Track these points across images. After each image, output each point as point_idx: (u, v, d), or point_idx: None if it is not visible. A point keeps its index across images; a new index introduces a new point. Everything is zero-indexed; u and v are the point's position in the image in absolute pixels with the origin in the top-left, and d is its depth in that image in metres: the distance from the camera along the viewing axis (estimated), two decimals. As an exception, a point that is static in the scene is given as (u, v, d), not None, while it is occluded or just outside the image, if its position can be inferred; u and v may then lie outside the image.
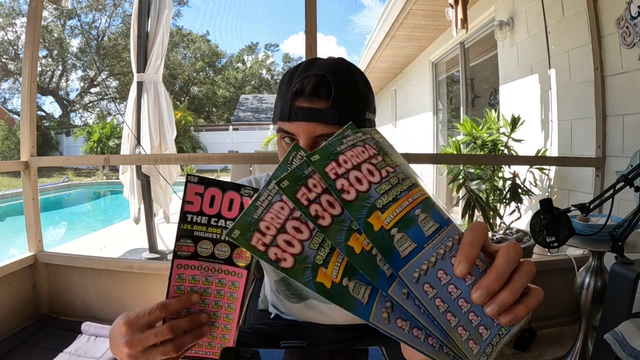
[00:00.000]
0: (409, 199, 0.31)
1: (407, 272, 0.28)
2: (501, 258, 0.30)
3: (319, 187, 0.29)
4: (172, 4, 2.61)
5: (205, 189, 0.41)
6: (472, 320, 0.29)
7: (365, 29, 40.12)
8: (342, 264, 0.29)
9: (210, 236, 0.42)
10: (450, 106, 5.37)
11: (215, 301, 0.44)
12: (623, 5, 1.77)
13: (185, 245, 0.42)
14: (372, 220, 0.28)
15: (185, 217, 0.41)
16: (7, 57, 16.98)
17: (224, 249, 0.42)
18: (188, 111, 16.04)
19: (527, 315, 0.31)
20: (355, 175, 0.30)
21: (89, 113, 19.84)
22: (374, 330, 0.88)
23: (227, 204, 0.41)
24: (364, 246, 0.29)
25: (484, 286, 0.29)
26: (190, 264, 0.42)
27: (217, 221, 0.42)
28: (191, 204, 0.41)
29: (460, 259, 0.29)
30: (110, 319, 1.86)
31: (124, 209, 5.26)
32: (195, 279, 0.43)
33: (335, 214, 0.29)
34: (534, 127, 2.68)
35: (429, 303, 0.28)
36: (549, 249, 1.34)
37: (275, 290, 0.81)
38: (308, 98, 0.55)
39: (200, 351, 0.45)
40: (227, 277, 0.43)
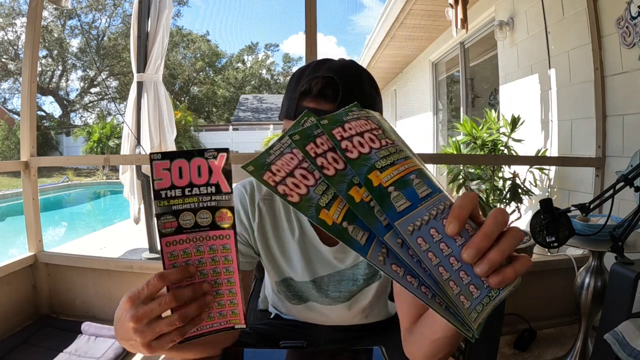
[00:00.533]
0: (405, 166, 0.34)
1: (402, 225, 0.31)
2: (489, 220, 0.32)
3: (326, 146, 0.33)
4: (172, 4, 2.61)
5: (171, 163, 0.41)
6: (462, 277, 0.31)
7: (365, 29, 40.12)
8: (343, 209, 0.32)
9: (189, 206, 0.42)
10: (450, 106, 5.37)
11: (212, 269, 0.44)
12: (623, 5, 1.77)
13: (168, 221, 0.41)
14: (372, 177, 0.31)
15: (159, 195, 0.41)
16: (7, 57, 16.98)
17: (206, 215, 0.42)
18: (188, 111, 16.03)
19: (516, 280, 0.33)
20: (359, 140, 0.33)
21: (89, 113, 19.85)
22: (374, 330, 0.88)
23: (196, 171, 0.41)
24: (363, 197, 0.31)
25: (473, 245, 0.31)
26: (178, 238, 0.42)
27: (190, 190, 0.41)
28: (161, 180, 0.41)
29: (451, 219, 0.31)
30: (110, 319, 1.86)
31: (124, 209, 5.26)
32: (187, 252, 0.43)
33: (339, 168, 0.32)
34: (534, 127, 2.68)
35: (422, 255, 0.31)
36: (549, 249, 1.34)
37: (276, 290, 0.81)
38: (315, 99, 0.55)
39: (215, 323, 0.45)
40: (217, 242, 0.43)
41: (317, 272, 0.75)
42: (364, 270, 0.74)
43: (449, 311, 0.32)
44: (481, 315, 0.32)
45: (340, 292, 0.75)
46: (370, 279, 0.75)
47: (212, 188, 0.42)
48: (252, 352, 0.59)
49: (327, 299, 0.77)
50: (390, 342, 0.78)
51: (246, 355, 0.54)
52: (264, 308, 0.95)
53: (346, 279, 0.75)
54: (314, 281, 0.75)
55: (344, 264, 0.74)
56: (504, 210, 0.33)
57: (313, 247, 0.73)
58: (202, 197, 0.42)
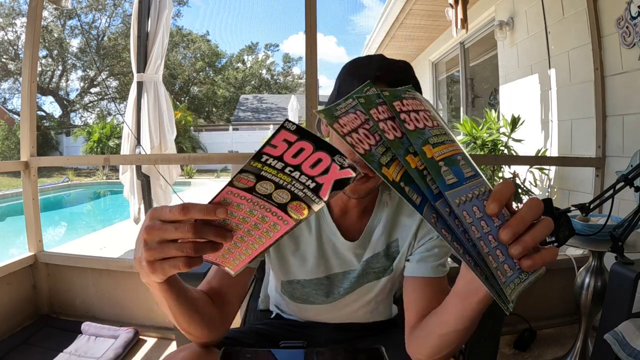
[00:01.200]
0: (452, 147, 0.37)
1: (451, 196, 0.34)
2: (525, 207, 0.36)
3: (386, 114, 0.35)
4: (172, 4, 2.61)
5: (297, 140, 0.35)
6: (498, 255, 0.35)
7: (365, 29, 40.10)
8: (400, 171, 0.34)
9: (277, 180, 0.37)
10: (450, 106, 5.37)
11: (248, 230, 0.41)
12: (623, 5, 1.77)
13: (246, 178, 0.37)
14: (426, 149, 0.34)
15: (260, 157, 0.36)
16: (7, 57, 16.98)
17: (284, 195, 0.38)
18: (188, 111, 16.04)
19: (542, 267, 0.36)
20: (415, 116, 0.36)
21: (89, 113, 19.85)
22: (374, 330, 0.88)
23: (313, 161, 0.36)
24: (417, 165, 0.34)
25: (510, 226, 0.35)
26: (242, 194, 0.38)
27: (292, 171, 0.36)
28: (274, 148, 0.35)
29: (491, 200, 0.35)
30: (110, 319, 1.87)
31: (124, 209, 5.25)
32: (239, 207, 0.39)
33: (397, 135, 0.35)
34: (534, 127, 2.68)
35: (467, 226, 0.34)
36: (549, 249, 1.34)
37: (280, 290, 0.80)
38: (389, 85, 0.58)
39: (212, 256, 0.43)
40: (273, 218, 0.40)
41: (331, 269, 0.75)
42: (377, 264, 0.74)
43: (488, 282, 0.34)
44: (514, 292, 0.35)
45: (349, 287, 0.75)
46: (381, 272, 0.75)
47: (313, 184, 0.37)
48: (252, 352, 0.59)
49: (332, 297, 0.77)
50: (391, 342, 0.78)
51: (246, 355, 0.54)
52: (264, 308, 0.94)
53: (358, 275, 0.75)
54: (327, 277, 0.75)
55: (360, 261, 0.74)
56: (539, 200, 0.36)
57: (330, 242, 0.73)
58: (296, 183, 0.37)
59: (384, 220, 0.72)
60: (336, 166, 0.36)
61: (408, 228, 0.71)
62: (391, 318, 0.88)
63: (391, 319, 0.88)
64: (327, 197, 0.37)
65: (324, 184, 0.37)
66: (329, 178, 0.36)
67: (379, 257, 0.73)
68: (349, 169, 0.36)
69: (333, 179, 0.36)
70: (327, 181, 0.37)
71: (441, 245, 0.70)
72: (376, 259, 0.73)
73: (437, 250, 0.69)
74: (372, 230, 0.73)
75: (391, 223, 0.72)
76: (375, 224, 0.73)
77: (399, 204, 0.73)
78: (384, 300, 0.83)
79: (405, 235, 0.72)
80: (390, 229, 0.72)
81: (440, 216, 0.34)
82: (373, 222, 0.73)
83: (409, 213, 0.72)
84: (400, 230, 0.72)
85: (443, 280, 0.69)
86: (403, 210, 0.72)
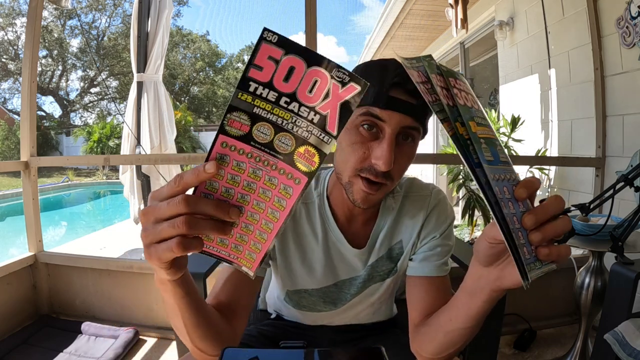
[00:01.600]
0: (491, 132, 0.39)
1: (489, 170, 0.35)
2: (550, 200, 0.38)
3: (442, 84, 0.36)
4: (172, 4, 2.61)
5: (285, 55, 0.30)
6: (520, 237, 0.36)
7: (365, 29, 40.04)
8: (450, 132, 0.36)
9: (275, 120, 0.32)
10: (450, 106, 5.36)
11: (257, 201, 0.35)
12: (623, 5, 1.77)
13: (239, 121, 0.32)
14: (471, 124, 0.36)
15: (247, 85, 0.31)
16: (7, 57, 16.97)
17: (288, 141, 0.32)
18: (188, 111, 16.02)
19: (556, 260, 0.38)
20: (464, 95, 0.38)
21: (89, 113, 19.83)
22: (375, 331, 0.89)
23: (309, 84, 0.31)
24: (464, 133, 0.36)
25: (534, 212, 0.37)
26: (240, 146, 0.33)
27: (289, 102, 0.31)
28: (260, 70, 0.30)
29: (521, 186, 0.38)
30: (110, 319, 1.87)
31: (124, 209, 5.25)
32: (240, 167, 0.34)
33: (450, 104, 0.36)
34: (534, 127, 2.68)
35: (500, 201, 0.35)
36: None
37: (283, 299, 0.79)
38: (406, 92, 0.56)
39: (223, 251, 0.38)
40: (281, 177, 0.34)
41: (339, 276, 0.74)
42: (381, 267, 0.73)
43: (513, 254, 0.35)
44: (531, 273, 0.36)
45: (355, 292, 0.75)
46: (386, 274, 0.74)
47: (317, 117, 0.32)
48: (252, 352, 0.59)
49: (337, 306, 0.76)
50: (392, 342, 0.78)
51: (245, 355, 0.54)
52: (264, 308, 0.94)
53: (364, 280, 0.74)
54: (335, 284, 0.75)
55: (365, 266, 0.73)
56: (562, 198, 0.39)
57: (337, 249, 0.72)
58: (297, 119, 0.32)
59: (388, 224, 0.72)
60: (337, 85, 0.31)
61: (411, 229, 0.71)
62: (391, 317, 0.88)
63: (391, 319, 0.88)
64: (336, 131, 0.32)
65: (329, 113, 0.32)
66: (332, 104, 0.32)
67: (383, 260, 0.73)
68: (351, 83, 0.31)
69: (338, 103, 0.32)
70: (332, 108, 0.32)
71: (443, 244, 0.70)
72: (381, 262, 0.73)
73: (440, 249, 0.69)
74: (377, 235, 0.72)
75: (395, 226, 0.72)
76: (380, 228, 0.72)
77: (402, 207, 0.72)
78: (387, 300, 0.83)
79: (408, 236, 0.72)
80: (393, 232, 0.72)
81: (479, 181, 0.36)
82: (378, 227, 0.72)
83: (412, 214, 0.72)
84: (404, 231, 0.72)
85: (446, 279, 0.70)
86: (406, 212, 0.72)
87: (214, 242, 0.38)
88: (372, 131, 0.57)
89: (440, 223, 0.71)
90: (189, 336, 0.53)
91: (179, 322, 0.51)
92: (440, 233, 0.70)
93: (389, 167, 0.55)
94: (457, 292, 0.54)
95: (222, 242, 0.38)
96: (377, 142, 0.57)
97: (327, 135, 0.32)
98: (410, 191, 0.73)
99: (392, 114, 0.56)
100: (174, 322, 0.53)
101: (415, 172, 5.83)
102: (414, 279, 0.70)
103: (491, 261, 0.45)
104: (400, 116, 0.56)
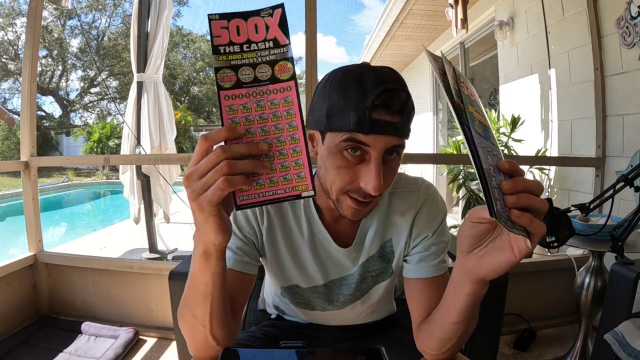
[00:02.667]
0: (487, 123, 0.45)
1: (476, 136, 0.40)
2: (531, 179, 0.41)
3: (454, 76, 0.43)
4: (172, 4, 2.61)
5: (229, 22, 0.42)
6: (495, 193, 0.39)
7: (365, 29, 39.98)
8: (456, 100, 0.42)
9: (248, 61, 0.42)
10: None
11: (274, 125, 0.43)
12: (623, 5, 1.77)
13: (226, 75, 0.42)
14: (470, 109, 0.42)
15: (218, 50, 0.42)
16: (7, 57, 16.97)
17: (265, 69, 0.42)
18: (188, 111, 16.04)
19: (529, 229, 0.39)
20: (470, 92, 0.45)
21: (89, 113, 19.81)
22: (376, 330, 0.89)
23: (253, 29, 0.42)
24: (462, 108, 0.41)
25: (513, 180, 0.40)
26: (237, 92, 0.42)
27: (249, 46, 0.42)
28: (219, 37, 0.42)
29: (506, 161, 0.41)
30: (110, 319, 1.87)
31: (124, 209, 5.26)
32: (247, 108, 0.42)
33: (455, 88, 0.42)
34: (534, 127, 2.68)
35: (483, 157, 0.39)
36: (549, 249, 1.34)
37: (280, 294, 0.80)
38: (390, 112, 0.54)
39: (279, 190, 0.42)
40: (278, 95, 0.42)
41: (329, 275, 0.74)
42: (373, 267, 0.73)
43: (487, 202, 0.38)
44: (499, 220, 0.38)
45: (351, 295, 0.75)
46: (379, 275, 0.74)
47: (270, 43, 0.42)
48: (252, 352, 0.59)
49: (334, 305, 0.76)
50: (393, 341, 0.78)
51: (245, 355, 0.54)
52: (264, 308, 0.94)
53: (357, 280, 0.73)
54: (325, 285, 0.74)
55: (355, 265, 0.73)
56: (541, 184, 0.42)
57: (324, 248, 0.71)
58: (260, 53, 0.42)
59: (377, 222, 0.71)
60: (269, 19, 0.42)
61: (401, 227, 0.70)
62: (392, 314, 0.88)
63: (392, 318, 0.88)
64: (286, 39, 0.43)
65: (276, 35, 0.43)
66: (274, 29, 0.43)
67: (374, 260, 0.72)
68: (275, 10, 0.42)
69: (276, 27, 0.42)
70: (275, 31, 0.43)
71: (438, 242, 0.69)
72: (372, 261, 0.72)
73: (435, 247, 0.68)
74: (364, 234, 0.71)
75: (384, 224, 0.71)
76: (367, 227, 0.71)
77: (391, 205, 0.71)
78: (385, 299, 0.83)
79: (399, 234, 0.71)
80: (383, 230, 0.71)
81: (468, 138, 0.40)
82: (365, 226, 0.71)
83: (401, 212, 0.70)
84: (393, 229, 0.71)
85: (445, 275, 0.68)
86: (395, 210, 0.70)
87: (265, 186, 0.42)
88: (356, 154, 0.56)
89: (431, 220, 0.69)
90: (210, 324, 0.53)
91: (206, 307, 0.52)
92: (433, 231, 0.69)
93: (378, 192, 0.54)
94: (447, 286, 0.55)
95: (272, 181, 0.42)
96: (364, 165, 0.55)
97: (283, 47, 0.43)
98: (398, 187, 0.71)
99: (377, 138, 0.54)
100: (199, 310, 0.53)
101: (415, 172, 5.83)
102: (413, 282, 0.69)
103: (471, 245, 0.46)
104: (385, 139, 0.55)
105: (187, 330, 0.57)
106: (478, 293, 0.50)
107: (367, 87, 0.54)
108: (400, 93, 0.55)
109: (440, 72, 0.42)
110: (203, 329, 0.54)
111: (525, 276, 1.80)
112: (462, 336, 0.57)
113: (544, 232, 0.40)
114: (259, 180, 0.42)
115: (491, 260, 0.44)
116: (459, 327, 0.55)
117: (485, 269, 0.45)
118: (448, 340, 0.58)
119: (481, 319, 0.58)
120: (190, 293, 0.54)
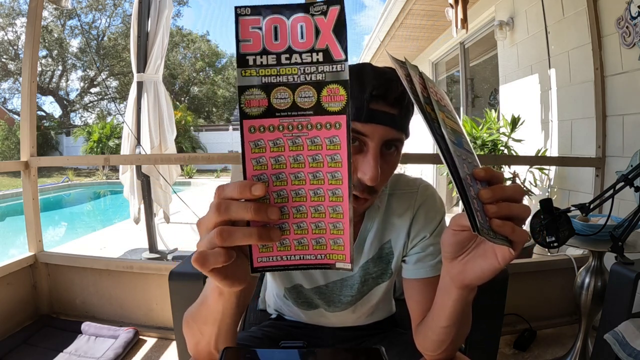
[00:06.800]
0: (460, 128, 0.42)
1: (450, 144, 0.36)
2: (510, 185, 0.40)
3: (421, 82, 0.40)
4: (172, 4, 2.61)
5: (264, 20, 0.30)
6: (475, 204, 0.35)
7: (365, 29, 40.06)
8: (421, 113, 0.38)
9: (286, 79, 0.30)
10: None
11: (313, 173, 0.32)
12: (623, 5, 1.77)
13: (254, 98, 0.30)
14: (441, 115, 0.38)
15: (245, 61, 0.30)
16: (7, 57, 16.97)
17: (309, 93, 0.31)
18: (188, 111, 16.03)
19: (511, 238, 0.37)
20: (440, 97, 0.42)
21: (89, 113, 19.83)
22: (377, 330, 0.89)
23: (298, 32, 0.30)
24: (434, 117, 0.38)
25: (491, 188, 0.38)
26: (267, 123, 0.31)
27: (289, 58, 0.30)
28: (249, 42, 0.30)
29: (482, 167, 0.39)
30: (110, 319, 1.87)
31: (124, 209, 5.25)
32: (278, 145, 0.31)
33: (425, 95, 0.39)
34: (534, 127, 2.68)
35: (460, 171, 0.36)
36: (549, 249, 1.34)
37: (282, 296, 0.80)
38: (387, 103, 0.55)
39: (308, 255, 0.34)
40: (322, 132, 0.31)
41: (329, 277, 0.74)
42: (373, 268, 0.73)
43: (468, 215, 0.35)
44: (481, 233, 0.36)
45: (351, 297, 0.75)
46: (379, 277, 0.74)
47: (320, 55, 0.31)
48: (252, 352, 0.59)
49: (335, 307, 0.76)
50: (394, 341, 0.78)
51: (245, 355, 0.54)
52: (264, 308, 0.94)
53: (359, 282, 0.74)
54: (327, 285, 0.74)
55: (356, 267, 0.72)
56: (522, 188, 0.40)
57: None
58: (304, 68, 0.31)
59: (376, 224, 0.71)
60: (321, 19, 0.30)
61: (399, 228, 0.70)
62: (392, 315, 0.88)
63: (392, 318, 0.88)
64: (343, 54, 0.31)
65: (328, 45, 0.31)
66: (326, 35, 0.31)
67: (374, 261, 0.73)
68: (330, 7, 0.30)
69: (329, 30, 0.31)
70: (328, 39, 0.31)
71: (436, 242, 0.69)
72: (372, 263, 0.73)
73: (432, 248, 0.68)
74: (364, 236, 0.71)
75: (383, 226, 0.71)
76: (368, 230, 0.71)
77: (389, 205, 0.71)
78: (384, 300, 0.83)
79: (397, 236, 0.71)
80: (382, 232, 0.71)
81: (442, 149, 0.36)
82: (365, 228, 0.71)
83: (399, 213, 0.70)
84: (392, 231, 0.71)
85: None
86: (393, 211, 0.71)
87: (291, 248, 0.33)
88: (354, 144, 0.56)
89: (429, 220, 0.69)
90: (216, 342, 0.52)
91: (213, 328, 0.50)
92: (431, 232, 0.69)
93: (375, 182, 0.54)
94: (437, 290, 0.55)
95: (301, 243, 0.33)
96: (362, 155, 0.56)
97: (338, 63, 0.31)
98: (397, 188, 0.72)
99: (375, 128, 0.55)
100: (206, 329, 0.51)
101: (415, 172, 5.83)
102: (411, 282, 0.69)
103: (455, 252, 0.45)
104: (383, 129, 0.55)
105: (191, 339, 0.56)
106: (465, 298, 0.49)
107: (365, 79, 0.55)
108: (398, 85, 0.55)
109: (406, 78, 0.38)
110: (207, 344, 0.53)
111: (525, 276, 1.80)
112: (457, 338, 0.57)
113: (527, 239, 0.38)
114: (284, 241, 0.33)
115: (475, 267, 0.44)
116: (450, 330, 0.55)
117: (470, 276, 0.44)
118: (442, 342, 0.57)
119: (481, 318, 0.59)
120: (200, 312, 0.51)
